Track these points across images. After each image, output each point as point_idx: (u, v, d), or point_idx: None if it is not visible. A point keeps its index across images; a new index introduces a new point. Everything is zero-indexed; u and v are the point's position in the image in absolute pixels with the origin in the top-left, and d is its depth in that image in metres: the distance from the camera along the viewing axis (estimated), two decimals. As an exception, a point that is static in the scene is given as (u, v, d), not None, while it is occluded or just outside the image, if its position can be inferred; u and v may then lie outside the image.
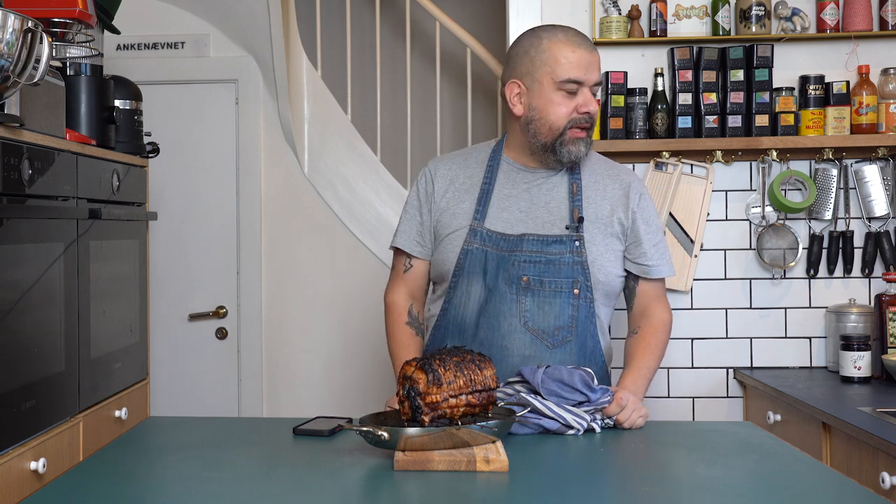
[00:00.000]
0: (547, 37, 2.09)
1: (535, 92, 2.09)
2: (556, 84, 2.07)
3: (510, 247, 2.10)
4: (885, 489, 2.11)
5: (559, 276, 2.08)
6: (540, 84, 2.08)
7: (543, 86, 2.08)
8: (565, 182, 2.15)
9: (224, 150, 3.84)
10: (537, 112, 2.09)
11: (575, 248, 2.09)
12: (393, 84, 4.52)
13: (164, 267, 3.80)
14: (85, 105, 2.53)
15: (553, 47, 2.07)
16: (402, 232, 2.25)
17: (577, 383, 1.88)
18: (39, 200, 2.11)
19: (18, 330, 1.99)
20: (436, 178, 2.22)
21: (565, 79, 2.06)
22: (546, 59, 2.07)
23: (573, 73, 2.06)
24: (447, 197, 2.20)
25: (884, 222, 3.19)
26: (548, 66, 2.07)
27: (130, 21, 3.46)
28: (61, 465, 2.18)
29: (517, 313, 2.07)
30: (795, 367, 3.22)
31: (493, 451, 1.61)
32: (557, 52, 2.06)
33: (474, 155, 2.25)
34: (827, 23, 3.14)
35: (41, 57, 1.92)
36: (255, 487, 1.54)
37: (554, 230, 2.10)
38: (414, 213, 2.24)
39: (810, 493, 1.51)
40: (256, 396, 3.80)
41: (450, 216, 2.17)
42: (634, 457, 1.75)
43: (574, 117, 2.07)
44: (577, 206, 2.11)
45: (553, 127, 2.08)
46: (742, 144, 3.13)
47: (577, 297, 2.08)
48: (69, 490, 1.51)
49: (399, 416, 1.73)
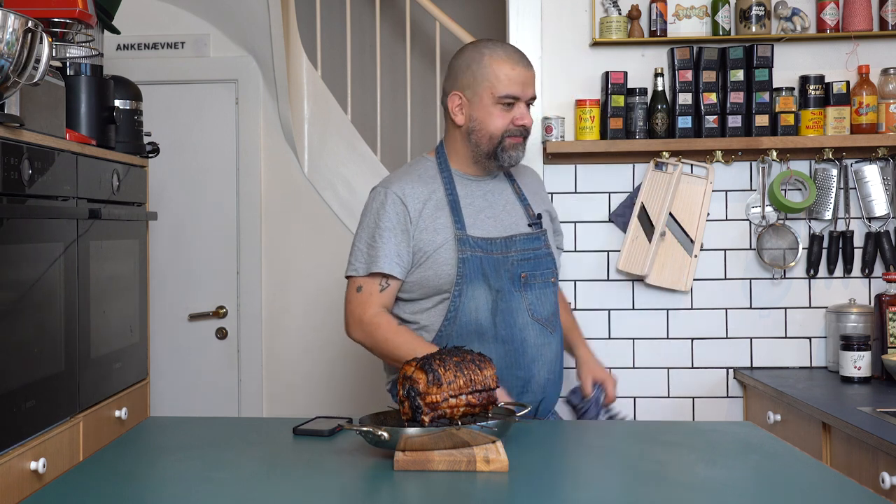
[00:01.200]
0: (488, 53, 2.24)
1: (476, 104, 2.25)
2: (495, 98, 2.22)
3: (501, 249, 2.24)
4: (885, 489, 2.11)
5: (544, 269, 2.30)
6: (480, 98, 2.24)
7: (483, 99, 2.23)
8: (508, 186, 2.37)
9: (224, 150, 3.84)
10: (478, 123, 2.25)
11: (545, 241, 2.33)
12: (393, 84, 4.52)
13: (164, 267, 3.80)
14: (85, 105, 2.53)
15: (494, 64, 2.22)
16: (383, 256, 2.22)
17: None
18: (39, 200, 2.11)
19: (18, 330, 1.99)
20: (406, 199, 2.24)
21: (504, 94, 2.21)
22: (487, 74, 2.22)
23: (511, 90, 2.22)
24: (424, 215, 2.24)
25: (884, 222, 3.19)
26: (488, 81, 2.22)
27: (130, 21, 3.46)
28: (61, 465, 2.18)
29: (524, 307, 2.24)
30: (795, 367, 3.22)
31: (493, 451, 1.62)
32: (498, 68, 2.22)
33: (424, 171, 2.31)
34: (827, 23, 3.14)
35: (41, 57, 1.92)
36: (255, 487, 1.54)
37: (521, 229, 2.30)
38: (390, 236, 2.22)
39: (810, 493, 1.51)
40: (256, 396, 3.80)
41: (431, 233, 2.23)
42: (635, 457, 1.75)
43: (510, 128, 2.24)
44: (528, 206, 2.35)
45: (492, 136, 2.24)
46: (742, 144, 3.13)
47: (554, 284, 2.34)
48: (69, 490, 1.51)
49: (399, 416, 1.73)
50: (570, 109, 3.24)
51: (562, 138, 3.17)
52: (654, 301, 3.23)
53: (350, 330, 2.28)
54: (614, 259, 3.23)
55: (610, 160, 3.22)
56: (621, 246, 3.22)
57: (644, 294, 3.24)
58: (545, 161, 3.23)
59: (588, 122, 3.15)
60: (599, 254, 3.25)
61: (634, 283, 3.24)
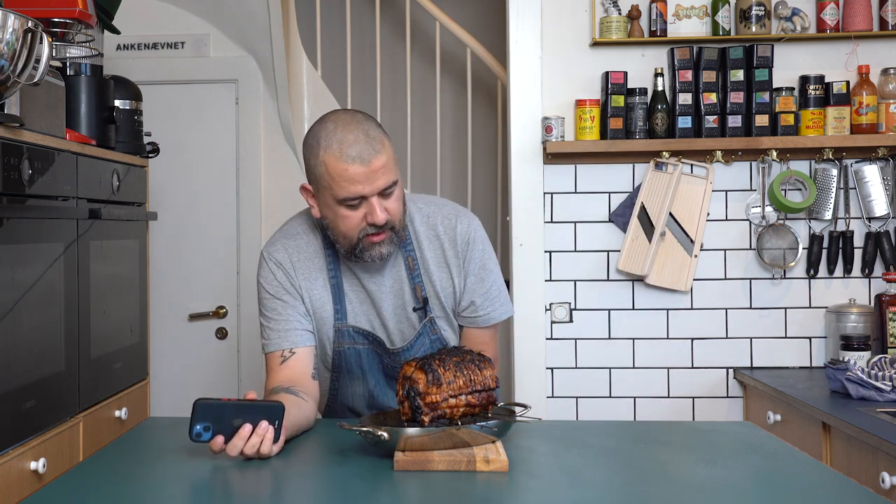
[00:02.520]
0: (324, 146, 1.84)
1: (323, 203, 1.91)
2: (337, 201, 1.86)
3: (379, 348, 2.02)
4: (885, 489, 2.11)
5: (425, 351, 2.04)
6: (325, 198, 1.89)
7: (327, 200, 1.88)
8: (401, 258, 1.99)
9: (224, 150, 3.84)
10: (330, 222, 1.92)
11: (427, 329, 2.02)
12: (393, 84, 4.52)
13: (164, 267, 3.80)
14: (85, 105, 2.53)
15: (328, 162, 1.83)
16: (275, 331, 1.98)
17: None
18: (39, 200, 2.11)
19: (18, 330, 1.99)
20: (284, 265, 2.01)
21: (343, 198, 1.85)
22: (323, 174, 1.85)
23: (352, 191, 1.83)
24: (305, 286, 2.00)
25: (884, 222, 3.19)
26: (325, 182, 1.85)
27: (130, 21, 3.46)
28: (61, 465, 2.18)
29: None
30: (795, 367, 3.22)
31: (493, 451, 1.61)
32: (332, 169, 1.82)
33: (307, 243, 2.03)
34: (827, 23, 3.14)
35: (41, 57, 1.92)
36: (255, 487, 1.54)
37: (404, 316, 2.01)
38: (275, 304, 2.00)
39: (810, 493, 1.51)
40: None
41: (317, 304, 2.01)
42: (635, 457, 1.75)
43: (364, 227, 1.88)
44: (418, 285, 2.00)
45: (346, 237, 1.90)
46: (742, 144, 3.13)
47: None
48: (69, 490, 1.51)
49: (399, 416, 1.72)
50: (570, 109, 3.24)
51: (562, 138, 3.17)
52: (654, 301, 3.23)
53: None
54: (614, 259, 3.23)
55: (610, 160, 3.22)
56: (621, 246, 3.22)
57: (644, 294, 3.24)
58: (545, 161, 3.24)
59: (588, 122, 3.15)
60: (599, 254, 3.25)
61: (634, 283, 3.24)
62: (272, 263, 2.00)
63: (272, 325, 1.98)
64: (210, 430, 1.63)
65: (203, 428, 1.63)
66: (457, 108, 4.59)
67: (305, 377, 1.95)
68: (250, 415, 1.64)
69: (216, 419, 1.63)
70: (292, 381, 1.92)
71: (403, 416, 1.66)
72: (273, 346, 1.97)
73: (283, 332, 1.97)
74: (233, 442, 1.62)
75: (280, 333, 1.97)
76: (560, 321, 3.24)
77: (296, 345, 1.96)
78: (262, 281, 2.01)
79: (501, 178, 4.26)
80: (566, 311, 3.25)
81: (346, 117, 1.87)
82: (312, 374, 1.97)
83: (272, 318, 1.98)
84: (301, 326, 1.97)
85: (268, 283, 2.00)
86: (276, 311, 1.98)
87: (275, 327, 1.97)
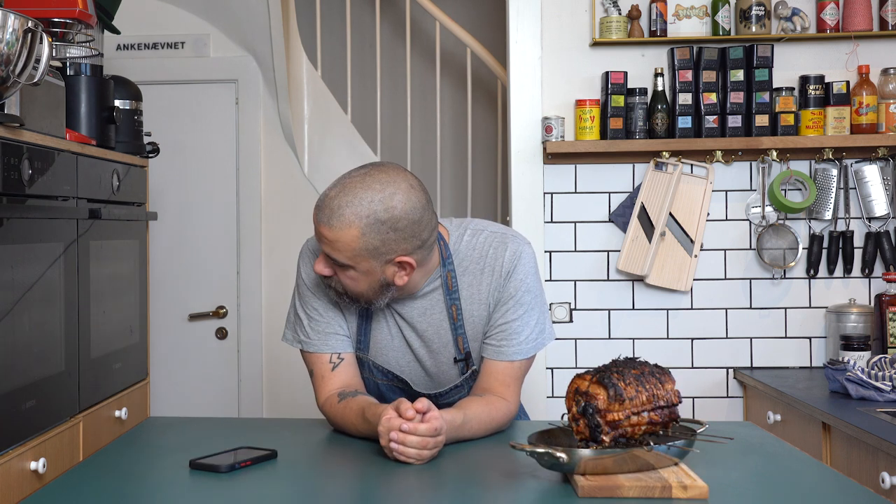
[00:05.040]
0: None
1: None
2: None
3: (403, 386, 1.95)
4: (885, 489, 2.11)
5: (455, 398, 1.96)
6: None
7: None
8: (443, 304, 1.89)
9: (224, 150, 3.84)
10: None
11: (469, 382, 1.95)
12: (393, 84, 4.52)
13: (164, 267, 3.80)
14: (85, 105, 2.52)
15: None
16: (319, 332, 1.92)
17: None
18: (39, 200, 2.11)
19: (18, 330, 1.99)
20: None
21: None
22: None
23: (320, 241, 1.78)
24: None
25: (884, 222, 3.19)
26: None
27: (130, 21, 3.46)
28: (61, 465, 2.18)
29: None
30: (795, 367, 3.22)
31: (683, 475, 1.46)
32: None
33: None
34: (827, 23, 3.14)
35: (41, 57, 1.92)
36: (255, 487, 1.54)
37: (442, 358, 1.92)
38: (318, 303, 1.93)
39: (810, 493, 1.51)
40: (256, 396, 3.80)
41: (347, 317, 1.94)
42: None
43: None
44: (460, 336, 1.90)
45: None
46: (742, 144, 3.13)
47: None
48: (69, 490, 1.51)
49: (564, 434, 1.57)
50: (570, 109, 3.24)
51: (562, 138, 3.17)
52: (654, 301, 3.23)
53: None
54: (614, 259, 3.23)
55: (610, 160, 3.22)
56: (621, 246, 3.22)
57: (644, 294, 3.24)
58: (545, 161, 3.24)
59: (588, 122, 3.15)
60: (599, 254, 3.25)
61: (634, 283, 3.24)
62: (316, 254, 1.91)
63: (313, 325, 1.91)
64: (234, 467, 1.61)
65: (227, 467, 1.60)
66: (457, 108, 4.59)
67: (360, 383, 1.93)
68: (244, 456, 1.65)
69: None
70: (352, 385, 1.90)
71: (577, 434, 1.49)
72: (314, 347, 1.92)
73: (324, 334, 1.91)
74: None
75: (322, 336, 1.91)
76: (560, 321, 3.24)
77: (343, 350, 1.92)
78: (304, 271, 1.93)
79: (501, 178, 4.26)
80: (566, 311, 3.25)
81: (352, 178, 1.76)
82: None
83: (313, 318, 1.92)
84: (343, 332, 1.92)
85: (308, 275, 1.92)
86: (318, 310, 1.91)
87: (316, 328, 1.91)
